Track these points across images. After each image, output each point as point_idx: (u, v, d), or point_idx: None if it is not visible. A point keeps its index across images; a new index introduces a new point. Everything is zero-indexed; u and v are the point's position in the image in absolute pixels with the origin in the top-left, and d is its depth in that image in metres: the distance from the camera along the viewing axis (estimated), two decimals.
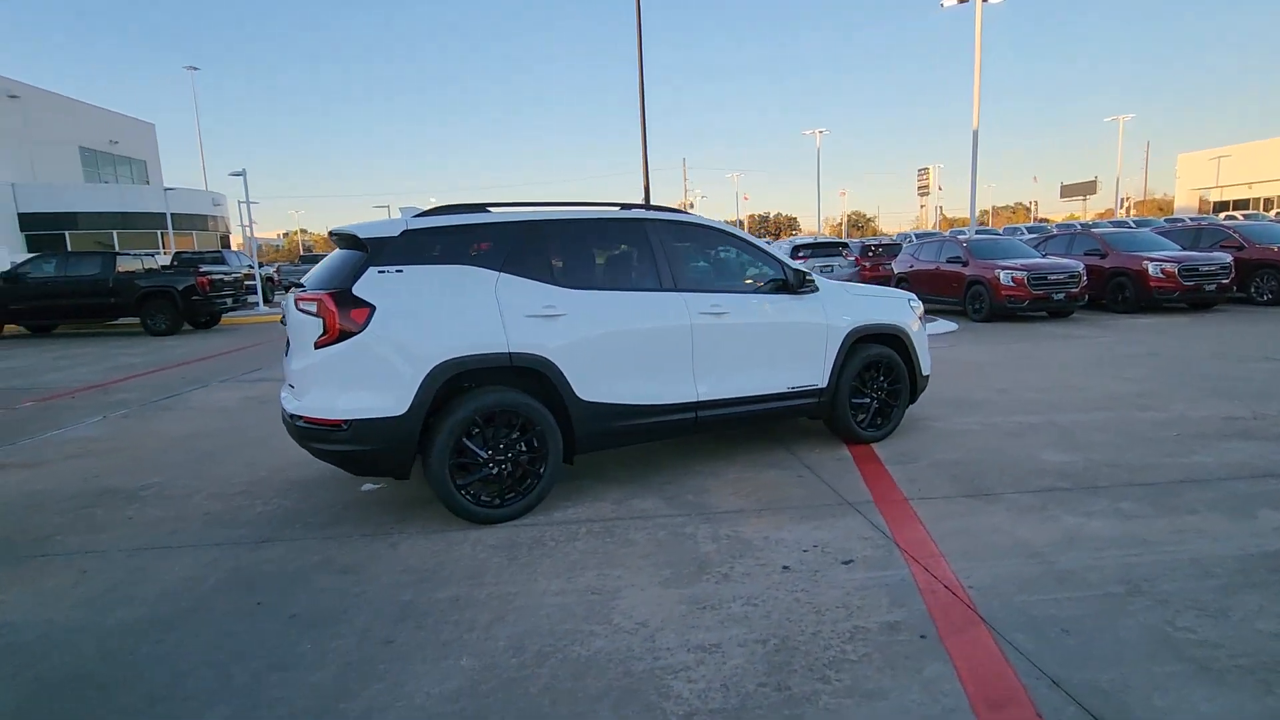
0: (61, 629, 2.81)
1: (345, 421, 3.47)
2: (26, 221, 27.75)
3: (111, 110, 33.06)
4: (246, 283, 18.32)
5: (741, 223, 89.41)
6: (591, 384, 3.94)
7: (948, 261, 13.87)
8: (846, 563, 3.16)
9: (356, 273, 3.55)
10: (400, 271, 3.61)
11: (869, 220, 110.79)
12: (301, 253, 41.70)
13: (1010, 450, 4.76)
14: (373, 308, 3.48)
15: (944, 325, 12.12)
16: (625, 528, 3.67)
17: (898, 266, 15.47)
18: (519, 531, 3.65)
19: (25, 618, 2.92)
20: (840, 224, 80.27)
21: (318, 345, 3.49)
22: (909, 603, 2.77)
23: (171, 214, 27.74)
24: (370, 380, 3.48)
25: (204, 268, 16.35)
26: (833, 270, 14.87)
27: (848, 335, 4.84)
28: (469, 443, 3.66)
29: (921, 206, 71.51)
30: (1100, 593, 2.80)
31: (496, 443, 3.73)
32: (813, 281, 4.76)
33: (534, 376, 3.83)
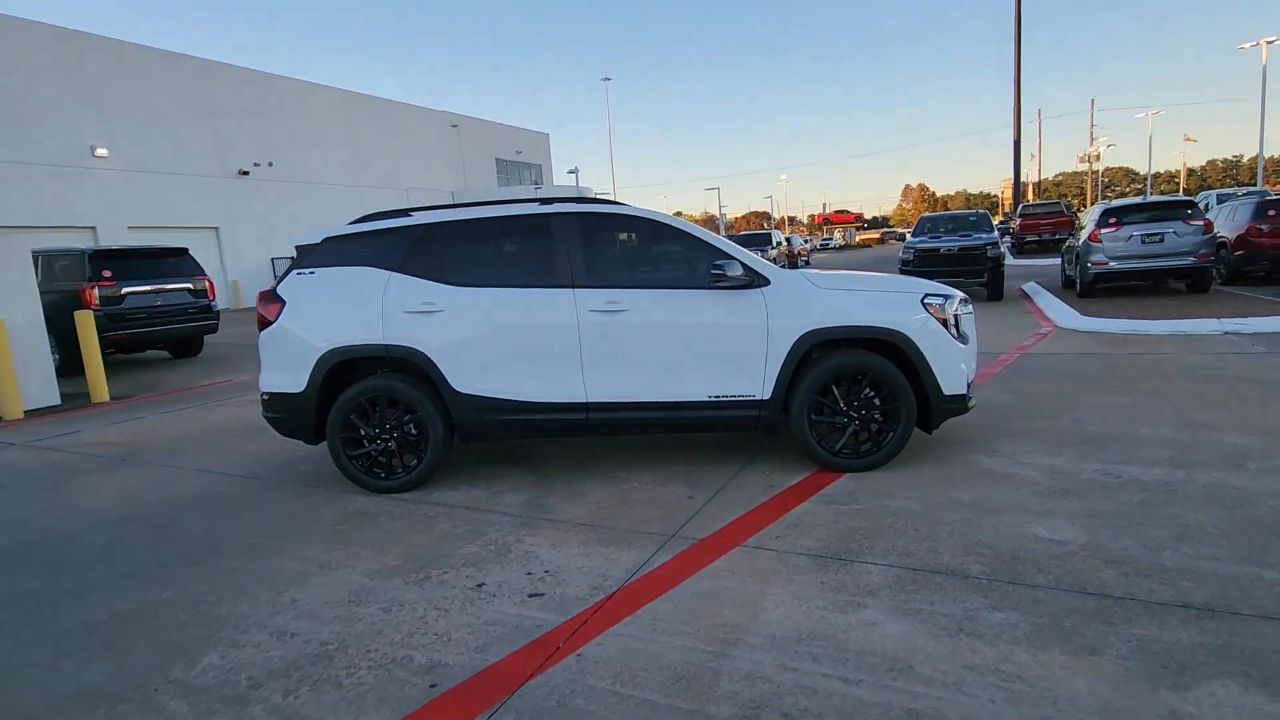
0: (75, 509, 4.28)
1: (268, 394, 4.35)
2: None
3: (517, 126, 41.71)
4: None
5: (1187, 174, 69.82)
6: (467, 377, 4.13)
7: None
8: (535, 595, 2.87)
9: (285, 275, 4.38)
10: (313, 273, 4.32)
11: None
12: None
13: (1005, 512, 3.40)
14: (284, 303, 4.27)
15: None
16: (450, 516, 3.82)
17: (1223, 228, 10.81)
18: (380, 504, 4.09)
19: (72, 499, 4.49)
20: None
21: (259, 330, 4.43)
22: (495, 653, 2.47)
23: None
24: (281, 362, 4.29)
25: None
26: (1162, 240, 11.12)
27: (800, 339, 3.99)
28: (356, 420, 4.23)
29: None
30: (692, 709, 2.08)
31: (383, 423, 4.22)
32: (753, 273, 4.04)
33: (413, 367, 4.19)
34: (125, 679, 2.45)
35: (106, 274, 10.36)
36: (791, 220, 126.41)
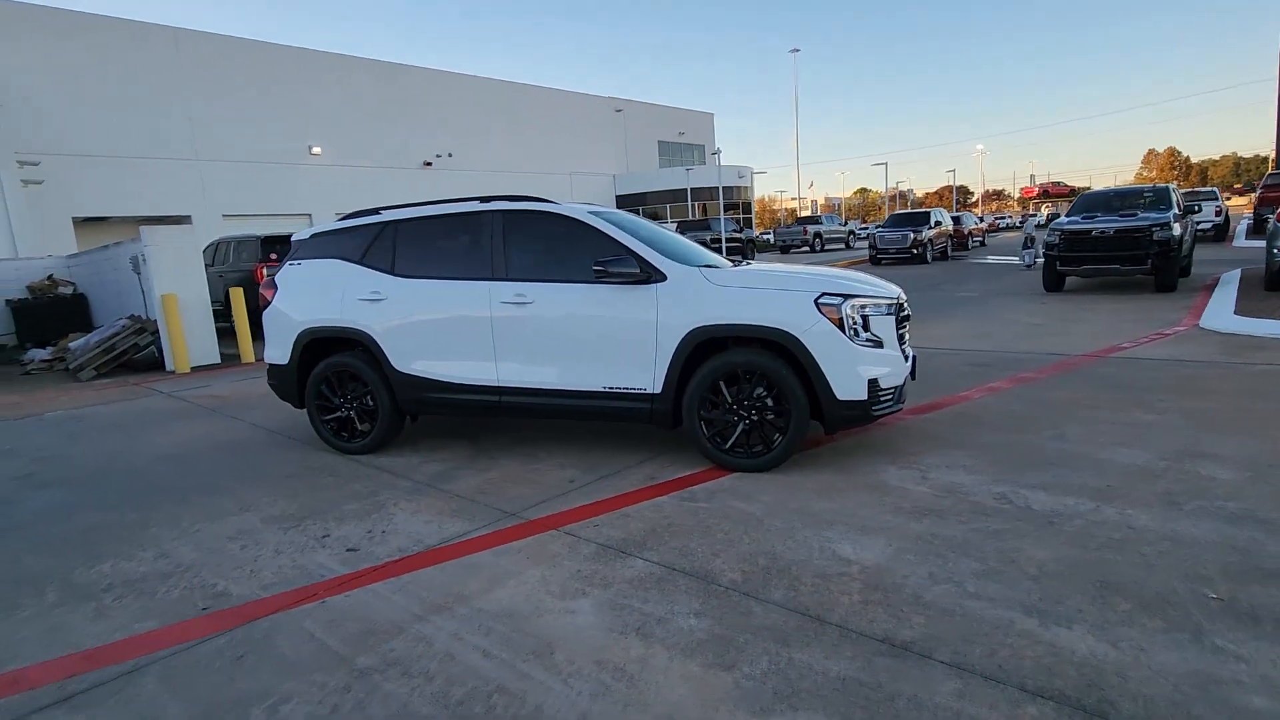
0: (151, 446, 5.47)
1: (269, 364, 5.22)
2: (620, 203, 38.52)
3: (680, 107, 42.11)
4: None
5: None
6: (404, 357, 4.67)
7: None
8: (352, 550, 3.32)
9: (282, 265, 5.20)
10: (300, 264, 5.09)
11: None
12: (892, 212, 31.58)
13: (835, 526, 3.25)
14: (277, 288, 5.09)
15: None
16: (371, 478, 4.38)
17: None
18: (335, 462, 4.77)
19: (157, 438, 5.71)
20: None
21: (261, 311, 5.30)
22: (272, 590, 2.95)
23: (693, 188, 34.35)
24: (275, 337, 5.12)
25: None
26: None
27: (687, 335, 4.01)
28: (325, 390, 4.95)
29: None
30: (345, 655, 2.40)
31: (345, 393, 4.91)
32: (649, 269, 4.10)
33: (364, 347, 4.81)
34: (45, 572, 3.29)
35: (273, 256, 12.44)
36: (999, 194, 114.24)
